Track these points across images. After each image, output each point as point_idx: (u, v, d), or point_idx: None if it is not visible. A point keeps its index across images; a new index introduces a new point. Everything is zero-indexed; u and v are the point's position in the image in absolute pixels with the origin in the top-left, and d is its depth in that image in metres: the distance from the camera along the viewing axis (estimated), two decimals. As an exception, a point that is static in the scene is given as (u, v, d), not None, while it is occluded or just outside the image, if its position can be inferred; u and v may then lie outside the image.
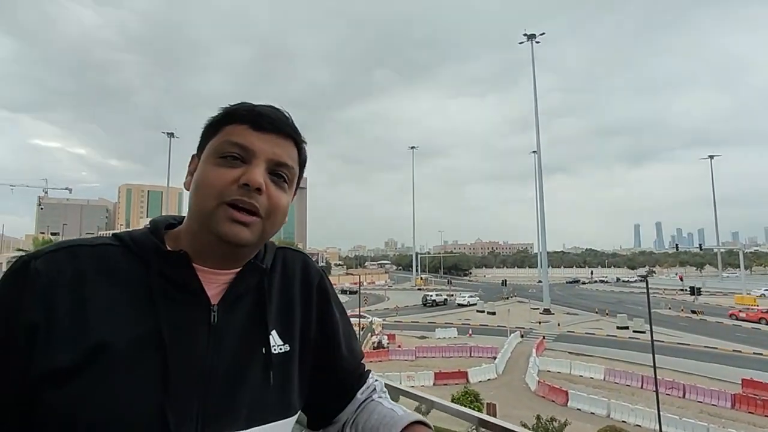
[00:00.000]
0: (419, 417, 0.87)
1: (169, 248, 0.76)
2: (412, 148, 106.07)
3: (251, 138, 0.75)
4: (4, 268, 0.72)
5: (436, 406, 1.62)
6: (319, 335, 0.90)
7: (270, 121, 0.77)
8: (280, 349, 0.80)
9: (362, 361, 1.00)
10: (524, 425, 16.76)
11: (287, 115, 0.80)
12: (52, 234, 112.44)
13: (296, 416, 0.83)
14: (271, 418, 0.76)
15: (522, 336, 35.30)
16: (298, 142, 0.81)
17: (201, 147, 0.79)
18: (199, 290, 0.74)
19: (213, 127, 0.78)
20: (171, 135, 64.02)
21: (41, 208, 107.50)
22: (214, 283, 0.76)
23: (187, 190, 0.78)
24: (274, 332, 0.80)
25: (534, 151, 69.82)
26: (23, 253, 0.72)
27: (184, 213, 0.81)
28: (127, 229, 0.83)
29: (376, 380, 1.01)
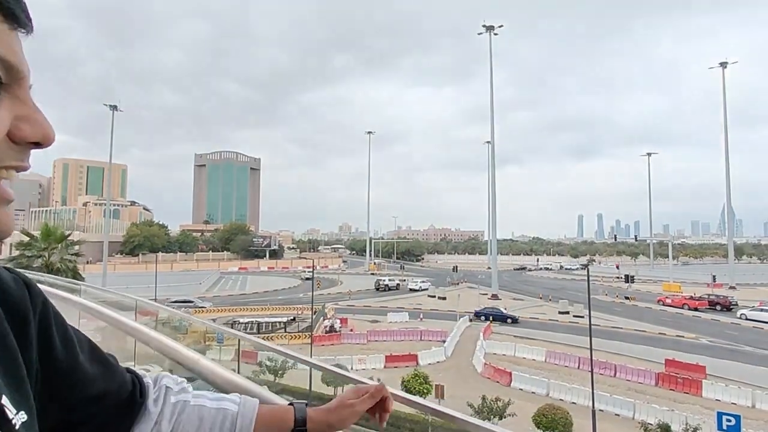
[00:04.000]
0: (270, 396, 0.63)
1: None
2: (369, 133, 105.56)
3: (15, 45, 0.42)
4: None
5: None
6: (52, 372, 0.60)
7: (24, 9, 0.44)
8: (21, 419, 0.50)
9: (124, 366, 0.73)
10: (470, 405, 17.46)
11: None
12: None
13: None
14: None
15: (471, 320, 36.57)
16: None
17: None
18: None
19: None
20: (114, 108, 59.50)
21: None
22: None
23: None
24: (4, 398, 0.49)
25: (488, 142, 71.47)
26: None
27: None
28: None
29: (162, 378, 0.77)
